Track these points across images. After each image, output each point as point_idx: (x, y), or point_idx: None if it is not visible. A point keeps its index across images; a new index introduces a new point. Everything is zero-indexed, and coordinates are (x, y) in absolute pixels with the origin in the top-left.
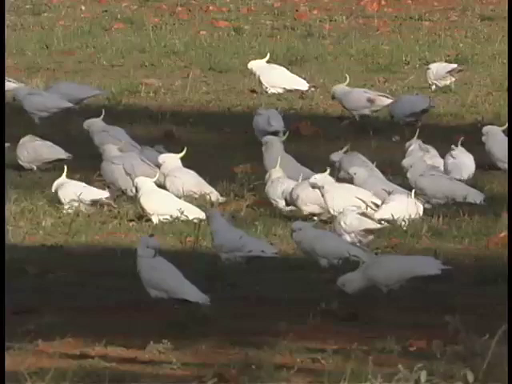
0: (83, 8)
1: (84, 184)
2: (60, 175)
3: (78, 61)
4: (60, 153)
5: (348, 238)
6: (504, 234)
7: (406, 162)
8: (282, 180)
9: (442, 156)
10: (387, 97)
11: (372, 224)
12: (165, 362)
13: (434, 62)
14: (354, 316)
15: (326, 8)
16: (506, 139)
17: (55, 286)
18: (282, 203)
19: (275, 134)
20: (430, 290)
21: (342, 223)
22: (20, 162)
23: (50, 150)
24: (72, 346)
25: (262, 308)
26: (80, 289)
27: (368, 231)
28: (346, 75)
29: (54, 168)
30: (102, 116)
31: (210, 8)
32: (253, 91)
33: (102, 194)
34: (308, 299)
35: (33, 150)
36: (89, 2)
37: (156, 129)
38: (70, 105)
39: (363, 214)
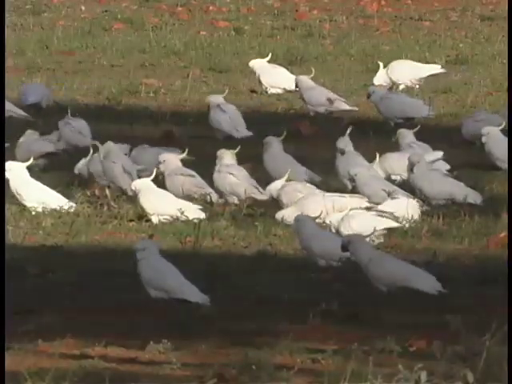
0: (83, 8)
1: (48, 188)
2: (60, 175)
3: (77, 61)
4: (49, 146)
5: None
6: (504, 234)
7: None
8: (231, 169)
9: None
10: (348, 104)
11: (389, 222)
12: (165, 362)
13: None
14: (354, 316)
15: (326, 8)
16: (505, 139)
17: (55, 286)
18: (233, 198)
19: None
20: None
21: (354, 224)
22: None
23: (40, 144)
24: (72, 345)
25: (261, 308)
26: (80, 289)
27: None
28: (312, 69)
29: (53, 168)
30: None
31: (210, 8)
32: (253, 91)
33: (64, 202)
34: (308, 299)
35: (26, 145)
36: (89, 1)
37: (156, 129)
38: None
39: (379, 214)
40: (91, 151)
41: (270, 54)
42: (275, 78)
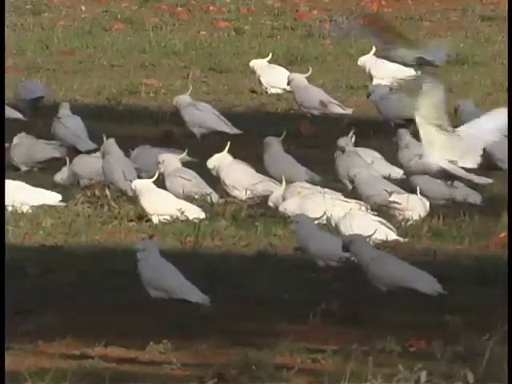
0: (83, 8)
1: (29, 186)
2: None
3: (78, 61)
4: (53, 152)
5: None
6: (504, 234)
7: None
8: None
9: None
10: (342, 107)
11: (389, 233)
12: (165, 362)
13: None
14: (354, 316)
15: (326, 8)
16: (505, 139)
17: (55, 286)
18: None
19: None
20: None
21: (354, 224)
22: (14, 163)
23: (43, 149)
24: (72, 346)
25: (262, 308)
26: (80, 289)
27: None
28: (309, 68)
29: (53, 168)
30: None
31: (210, 8)
32: (253, 91)
33: (54, 198)
34: (308, 299)
35: (26, 150)
36: (89, 2)
37: (156, 129)
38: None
39: (381, 222)
40: (67, 162)
41: (271, 54)
42: (275, 78)
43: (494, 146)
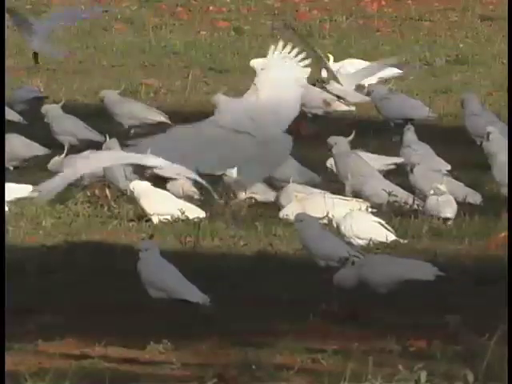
0: (83, 8)
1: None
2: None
3: (78, 61)
4: (37, 149)
5: (359, 242)
6: (504, 234)
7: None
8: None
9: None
10: (346, 104)
11: (389, 234)
12: (165, 362)
13: (435, 61)
14: (354, 316)
15: (326, 8)
16: (505, 140)
17: (55, 286)
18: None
19: None
20: (429, 290)
21: (355, 225)
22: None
23: (27, 148)
24: (72, 345)
25: (262, 308)
26: (80, 289)
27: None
28: (309, 68)
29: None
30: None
31: (210, 8)
32: None
33: (26, 189)
34: (308, 299)
35: (9, 148)
36: (89, 2)
37: (156, 129)
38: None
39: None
40: (66, 149)
41: None
42: None
43: (494, 147)
